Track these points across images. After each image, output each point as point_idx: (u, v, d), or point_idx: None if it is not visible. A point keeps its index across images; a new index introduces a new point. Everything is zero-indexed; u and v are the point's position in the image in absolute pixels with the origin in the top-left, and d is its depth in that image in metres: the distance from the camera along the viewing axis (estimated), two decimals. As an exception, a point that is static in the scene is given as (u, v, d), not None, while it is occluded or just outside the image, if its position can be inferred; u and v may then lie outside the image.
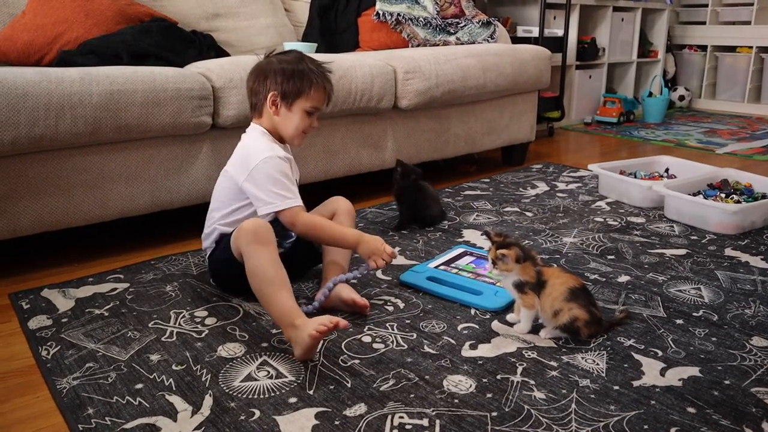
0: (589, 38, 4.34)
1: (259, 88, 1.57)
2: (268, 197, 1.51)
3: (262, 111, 1.60)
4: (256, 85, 1.58)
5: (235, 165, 1.60)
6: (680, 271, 1.80)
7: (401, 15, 2.93)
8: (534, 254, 1.48)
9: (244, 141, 1.62)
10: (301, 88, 1.56)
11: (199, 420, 1.15)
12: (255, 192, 1.53)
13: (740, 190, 2.39)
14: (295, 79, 1.55)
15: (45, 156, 1.75)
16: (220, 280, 1.67)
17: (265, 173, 1.52)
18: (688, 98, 5.13)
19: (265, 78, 1.56)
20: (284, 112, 1.57)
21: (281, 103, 1.57)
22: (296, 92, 1.56)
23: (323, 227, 1.56)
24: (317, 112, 1.62)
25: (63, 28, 2.10)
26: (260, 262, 1.40)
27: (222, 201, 1.62)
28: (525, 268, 1.43)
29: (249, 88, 1.61)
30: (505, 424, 1.12)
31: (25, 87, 1.65)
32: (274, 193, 1.51)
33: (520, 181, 2.84)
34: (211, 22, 2.62)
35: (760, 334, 1.44)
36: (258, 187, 1.52)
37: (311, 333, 1.27)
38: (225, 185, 1.62)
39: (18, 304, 1.61)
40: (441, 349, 1.38)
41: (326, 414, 1.16)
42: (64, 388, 1.25)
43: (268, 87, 1.56)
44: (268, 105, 1.57)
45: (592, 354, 1.36)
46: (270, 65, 1.58)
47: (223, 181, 1.64)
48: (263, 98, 1.57)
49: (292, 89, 1.55)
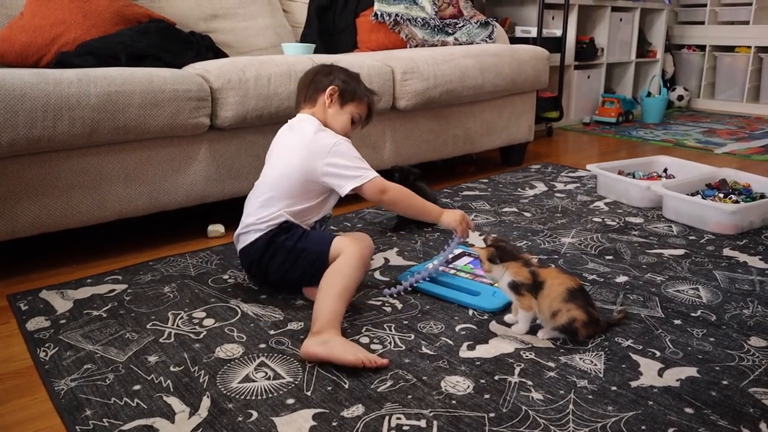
0: (588, 38, 4.34)
1: (321, 80, 1.68)
2: (355, 172, 1.59)
3: (316, 100, 1.68)
4: (318, 77, 1.69)
5: (309, 151, 1.59)
6: (678, 271, 1.80)
7: (399, 15, 2.93)
8: (527, 256, 1.48)
9: (305, 128, 1.63)
10: (355, 94, 1.70)
11: (197, 421, 1.15)
12: (338, 171, 1.58)
13: (738, 190, 2.39)
14: (353, 84, 1.71)
15: (43, 157, 1.75)
16: (266, 258, 1.59)
17: (346, 152, 1.60)
18: (686, 98, 5.13)
19: (330, 73, 1.70)
20: (336, 108, 1.67)
21: (337, 99, 1.67)
22: (351, 95, 1.69)
23: (411, 196, 1.67)
24: (357, 125, 1.73)
25: (61, 29, 2.11)
26: (354, 280, 1.48)
27: (286, 190, 1.60)
28: (517, 269, 1.44)
29: (309, 79, 1.70)
30: (502, 425, 1.12)
31: (23, 88, 1.65)
32: (359, 168, 1.60)
33: (519, 181, 2.84)
34: (210, 23, 2.62)
35: (758, 334, 1.44)
36: (341, 165, 1.58)
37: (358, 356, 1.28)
38: (288, 172, 1.60)
39: (16, 306, 1.61)
40: (439, 350, 1.38)
41: (324, 415, 1.16)
42: (62, 390, 1.25)
43: (330, 80, 1.68)
44: (325, 96, 1.66)
45: (589, 355, 1.36)
46: (335, 67, 1.73)
47: (283, 168, 1.62)
48: (322, 89, 1.67)
49: (350, 91, 1.68)
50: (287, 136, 1.69)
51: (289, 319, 1.53)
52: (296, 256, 1.56)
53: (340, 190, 1.60)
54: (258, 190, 1.66)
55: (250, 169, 2.15)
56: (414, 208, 1.70)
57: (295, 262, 1.57)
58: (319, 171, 1.58)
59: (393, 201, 1.65)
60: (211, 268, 1.84)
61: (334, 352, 1.30)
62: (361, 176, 1.59)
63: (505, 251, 1.46)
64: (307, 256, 1.55)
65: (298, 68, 2.14)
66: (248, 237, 1.61)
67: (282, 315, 1.55)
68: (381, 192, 1.61)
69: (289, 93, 2.11)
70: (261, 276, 1.67)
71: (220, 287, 1.71)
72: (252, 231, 1.60)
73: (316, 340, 1.33)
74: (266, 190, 1.62)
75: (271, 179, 1.64)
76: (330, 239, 1.56)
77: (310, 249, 1.56)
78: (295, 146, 1.63)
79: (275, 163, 1.67)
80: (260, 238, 1.58)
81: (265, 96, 2.06)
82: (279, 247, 1.57)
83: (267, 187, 1.63)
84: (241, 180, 2.14)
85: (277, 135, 1.73)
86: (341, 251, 1.52)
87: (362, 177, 1.59)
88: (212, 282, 1.74)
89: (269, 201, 1.60)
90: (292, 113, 2.11)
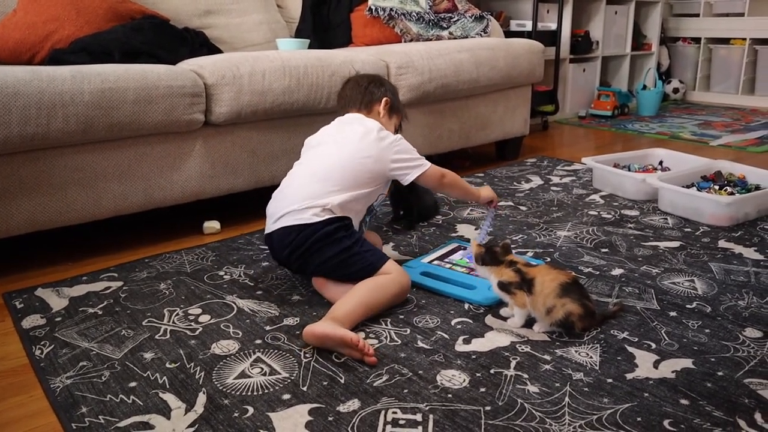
0: (583, 31, 4.33)
1: (376, 90, 1.83)
2: (417, 162, 1.73)
3: (371, 108, 1.81)
4: (372, 86, 1.83)
5: (379, 145, 1.67)
6: (674, 263, 1.81)
7: (394, 10, 2.92)
8: (512, 258, 1.48)
9: (369, 125, 1.71)
10: (400, 108, 1.90)
11: (193, 417, 1.15)
12: (404, 163, 1.70)
13: (734, 182, 2.39)
14: (397, 97, 1.91)
15: (37, 155, 1.74)
16: (317, 246, 1.56)
17: (407, 146, 1.73)
18: (682, 91, 5.13)
19: (382, 84, 1.85)
20: (387, 117, 1.83)
21: (388, 110, 1.83)
22: (398, 108, 1.88)
23: (461, 179, 1.84)
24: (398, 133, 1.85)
25: (54, 26, 2.10)
26: (385, 304, 1.52)
27: (338, 178, 1.61)
28: (500, 271, 1.46)
29: (364, 88, 1.82)
30: (498, 418, 1.13)
31: (16, 86, 1.64)
32: (419, 158, 1.74)
33: (515, 175, 2.84)
34: (203, 19, 2.62)
35: (753, 325, 1.45)
36: (405, 159, 1.71)
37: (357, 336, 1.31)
38: (357, 167, 1.63)
39: (11, 304, 1.61)
40: (434, 344, 1.38)
41: (320, 410, 1.16)
42: (57, 387, 1.25)
43: (383, 92, 1.83)
44: (381, 106, 1.81)
45: (585, 347, 1.36)
46: (383, 79, 1.91)
47: (345, 157, 1.64)
48: (379, 98, 1.82)
49: (397, 103, 1.88)
50: (346, 129, 1.72)
51: (285, 314, 1.53)
52: (348, 257, 1.56)
53: (406, 177, 1.72)
54: (302, 177, 1.65)
55: (245, 164, 2.14)
56: (465, 189, 1.86)
57: (346, 261, 1.56)
58: (389, 160, 1.68)
59: (451, 183, 1.79)
60: (207, 265, 1.84)
61: (337, 331, 1.32)
62: (422, 165, 1.73)
63: (492, 255, 1.48)
64: (359, 262, 1.56)
65: (292, 64, 2.14)
66: (297, 217, 1.56)
67: (278, 311, 1.55)
68: (441, 176, 1.76)
69: (284, 88, 2.10)
70: (297, 260, 1.60)
71: (215, 283, 1.71)
72: (303, 213, 1.56)
73: (323, 322, 1.36)
74: (315, 174, 1.63)
75: (327, 166, 1.64)
76: (385, 257, 1.59)
77: (364, 257, 1.57)
78: (361, 138, 1.67)
79: (328, 151, 1.67)
80: (313, 224, 1.55)
81: (260, 92, 2.06)
82: (335, 242, 1.56)
83: (318, 170, 1.63)
84: (236, 176, 2.13)
85: (327, 129, 1.77)
86: (390, 272, 1.56)
87: (423, 165, 1.73)
88: (208, 278, 1.74)
89: (320, 185, 1.60)
90: (287, 109, 2.14)
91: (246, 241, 2.02)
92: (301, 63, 2.16)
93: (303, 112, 2.21)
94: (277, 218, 1.60)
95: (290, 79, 2.12)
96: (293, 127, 2.23)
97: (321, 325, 1.35)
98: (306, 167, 1.68)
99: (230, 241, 2.03)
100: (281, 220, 1.59)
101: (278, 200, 1.64)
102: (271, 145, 2.19)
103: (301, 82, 2.14)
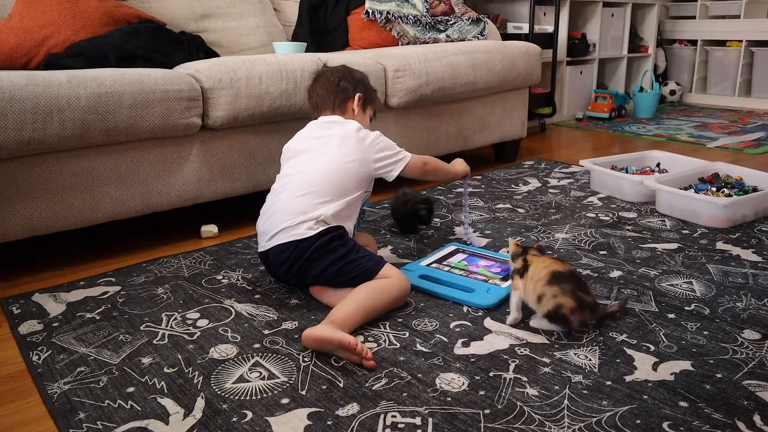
0: (580, 34, 4.35)
1: (347, 85, 1.78)
2: (398, 156, 1.73)
3: (345, 107, 1.78)
4: (344, 82, 1.78)
5: (361, 147, 1.67)
6: (672, 265, 1.81)
7: (390, 13, 2.92)
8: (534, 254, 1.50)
9: (348, 127, 1.70)
10: (371, 98, 1.85)
11: (191, 422, 1.14)
12: (387, 160, 1.71)
13: (731, 184, 2.39)
14: (369, 88, 1.85)
15: (33, 160, 1.74)
16: (314, 257, 1.56)
17: (387, 142, 1.73)
18: (679, 93, 5.15)
19: (352, 77, 1.80)
20: (361, 112, 1.80)
21: (361, 105, 1.79)
22: (371, 100, 1.84)
23: (439, 161, 1.85)
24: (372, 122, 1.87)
25: (50, 30, 2.09)
26: (385, 308, 1.52)
27: (325, 187, 1.60)
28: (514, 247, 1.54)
29: (335, 87, 1.77)
30: (497, 421, 1.12)
31: (11, 90, 1.64)
32: (399, 152, 1.74)
33: (512, 177, 2.84)
34: (200, 23, 2.61)
35: (751, 327, 1.45)
36: (387, 153, 1.72)
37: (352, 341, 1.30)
38: (335, 166, 1.62)
39: (8, 309, 1.61)
40: (433, 347, 1.38)
41: (319, 414, 1.16)
42: (55, 393, 1.24)
43: (354, 87, 1.79)
44: (354, 102, 1.78)
45: (584, 350, 1.36)
46: (350, 70, 1.84)
47: (327, 164, 1.63)
48: (351, 95, 1.78)
49: (368, 96, 1.83)
50: (324, 135, 1.69)
51: (284, 318, 1.53)
52: (345, 264, 1.55)
53: (391, 174, 1.72)
54: (289, 192, 1.61)
55: (243, 168, 2.14)
56: (445, 171, 1.87)
57: (343, 269, 1.55)
58: (372, 160, 1.68)
59: (434, 168, 1.82)
60: (205, 269, 1.83)
61: (336, 334, 1.31)
62: (404, 158, 1.74)
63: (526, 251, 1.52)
64: (356, 268, 1.55)
65: (289, 67, 2.13)
66: (292, 233, 1.55)
67: (276, 315, 1.55)
68: (424, 164, 1.78)
69: (281, 92, 2.10)
70: (296, 275, 1.60)
71: (213, 288, 1.70)
72: (297, 229, 1.55)
73: (322, 325, 1.36)
74: (303, 187, 1.60)
75: (312, 178, 1.61)
76: (382, 261, 1.58)
77: (361, 262, 1.56)
78: (341, 143, 1.66)
79: (311, 161, 1.65)
80: (309, 238, 1.54)
81: (257, 95, 2.06)
82: (330, 251, 1.55)
83: (305, 183, 1.60)
84: (233, 180, 2.13)
85: (302, 136, 1.74)
86: (389, 276, 1.55)
87: (405, 158, 1.74)
88: (206, 282, 1.74)
89: (309, 197, 1.58)
90: (285, 112, 2.13)
91: (244, 244, 2.02)
92: (298, 66, 2.16)
93: (300, 115, 2.20)
94: (271, 236, 1.59)
95: (287, 83, 2.12)
96: (291, 130, 2.19)
97: (319, 328, 1.35)
98: (291, 181, 1.63)
99: (228, 245, 2.03)
100: (276, 238, 1.58)
101: (268, 217, 1.62)
102: (268, 148, 2.19)
103: (298, 86, 2.14)
